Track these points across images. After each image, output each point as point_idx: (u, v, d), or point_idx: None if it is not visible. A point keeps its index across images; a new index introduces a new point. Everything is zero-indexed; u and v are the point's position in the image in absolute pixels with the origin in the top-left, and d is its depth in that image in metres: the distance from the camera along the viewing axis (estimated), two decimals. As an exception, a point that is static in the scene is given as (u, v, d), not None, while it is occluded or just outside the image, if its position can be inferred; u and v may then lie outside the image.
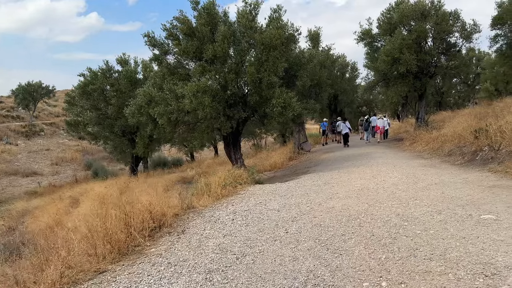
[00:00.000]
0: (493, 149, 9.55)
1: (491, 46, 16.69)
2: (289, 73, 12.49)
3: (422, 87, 17.91)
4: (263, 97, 11.41)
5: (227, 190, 9.34)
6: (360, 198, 6.80)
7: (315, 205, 6.65)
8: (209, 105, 10.38)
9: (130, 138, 19.04)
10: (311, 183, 9.45)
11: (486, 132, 10.84)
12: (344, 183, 8.80)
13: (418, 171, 9.39)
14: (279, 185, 9.66)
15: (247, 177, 10.83)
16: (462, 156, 10.78)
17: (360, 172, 10.27)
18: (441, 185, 7.22)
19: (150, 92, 11.76)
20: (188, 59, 11.72)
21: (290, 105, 11.07)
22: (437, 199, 6.05)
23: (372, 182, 8.41)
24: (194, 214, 7.04)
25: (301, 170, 14.19)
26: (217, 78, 11.02)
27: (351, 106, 35.05)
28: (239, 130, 12.87)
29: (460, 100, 38.42)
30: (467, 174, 8.38)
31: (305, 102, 13.43)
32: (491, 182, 7.09)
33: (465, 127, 13.42)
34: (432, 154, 12.87)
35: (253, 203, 7.35)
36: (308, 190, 8.37)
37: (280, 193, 8.38)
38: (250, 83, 11.09)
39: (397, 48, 16.26)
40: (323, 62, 17.91)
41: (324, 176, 10.42)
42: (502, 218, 4.67)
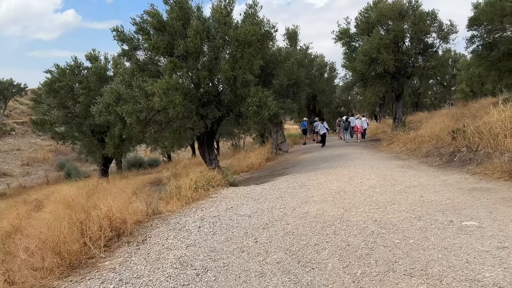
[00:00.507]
0: (471, 150, 9.40)
1: (468, 47, 16.80)
2: (265, 71, 12.07)
3: (400, 88, 17.85)
4: (238, 95, 10.95)
5: (199, 193, 8.84)
6: (336, 202, 6.44)
7: (289, 210, 6.24)
8: (181, 103, 9.84)
9: (100, 138, 18.20)
10: (287, 185, 9.06)
11: (464, 133, 10.72)
12: (321, 185, 8.44)
13: (396, 172, 9.14)
14: (254, 188, 9.23)
15: (221, 179, 10.36)
16: (440, 157, 10.62)
17: (337, 173, 9.96)
18: (419, 188, 6.95)
19: (117, 89, 11.13)
20: (158, 54, 11.14)
21: (266, 104, 10.65)
22: (416, 203, 5.74)
23: (349, 184, 8.08)
24: (159, 221, 6.51)
25: (278, 171, 13.82)
26: (189, 75, 10.49)
27: (330, 106, 35.03)
28: (214, 130, 12.36)
29: (436, 101, 39.03)
30: (445, 176, 8.16)
31: (282, 101, 13.05)
32: (471, 184, 6.86)
33: (442, 127, 13.34)
34: (409, 155, 12.72)
35: (224, 208, 6.88)
36: (283, 193, 7.96)
37: (253, 196, 7.94)
38: (224, 81, 10.61)
39: (375, 48, 16.11)
40: (301, 61, 17.63)
41: (300, 178, 10.05)
42: (484, 225, 4.37)
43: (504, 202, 5.32)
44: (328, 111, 36.53)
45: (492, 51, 16.12)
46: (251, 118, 10.70)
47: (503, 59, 15.59)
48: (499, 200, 5.45)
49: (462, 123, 12.79)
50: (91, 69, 17.11)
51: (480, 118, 11.04)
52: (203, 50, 10.69)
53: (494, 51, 16.00)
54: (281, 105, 12.77)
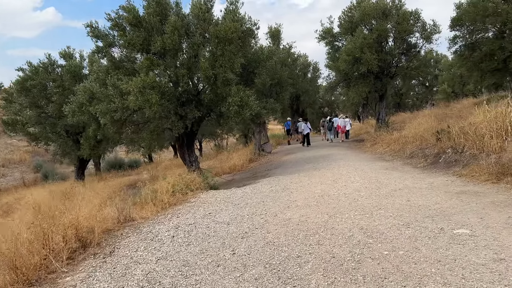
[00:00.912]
0: (456, 151, 9.23)
1: (450, 47, 16.80)
2: (247, 70, 11.68)
3: (383, 88, 17.73)
4: (219, 95, 10.54)
5: (176, 198, 8.40)
6: (320, 207, 6.10)
7: (271, 216, 5.87)
8: (157, 103, 9.36)
9: (75, 139, 17.45)
10: (269, 188, 8.69)
11: (448, 133, 10.57)
12: (304, 188, 8.11)
13: (381, 174, 8.88)
14: (234, 191, 8.83)
15: (200, 182, 9.92)
16: (425, 158, 10.44)
17: (321, 175, 9.65)
18: (406, 191, 6.68)
19: (91, 88, 10.56)
20: (134, 51, 10.61)
21: (247, 104, 10.27)
22: (403, 209, 5.45)
23: (333, 187, 7.77)
24: (130, 229, 6.04)
25: (260, 173, 13.45)
26: (167, 74, 10.01)
27: (313, 106, 34.89)
28: (194, 131, 11.90)
29: (418, 102, 39.40)
30: (431, 178, 7.94)
31: (265, 101, 12.69)
32: (458, 187, 6.63)
33: (426, 128, 13.23)
34: (393, 156, 12.53)
35: (202, 215, 6.46)
36: (265, 197, 7.59)
37: (234, 201, 7.54)
38: (204, 79, 10.18)
39: (358, 47, 15.92)
40: (284, 60, 17.32)
41: (283, 181, 9.71)
42: (477, 233, 4.09)
43: (494, 207, 5.08)
44: (312, 111, 36.41)
45: (474, 51, 16.15)
46: (232, 119, 10.29)
47: (485, 59, 15.62)
48: (489, 205, 5.21)
49: (446, 124, 12.70)
50: (65, 67, 16.35)
51: (464, 118, 10.92)
52: (181, 47, 10.22)
53: (476, 52, 16.04)
54: (263, 105, 12.41)
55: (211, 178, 10.86)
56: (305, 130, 20.52)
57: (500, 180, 6.52)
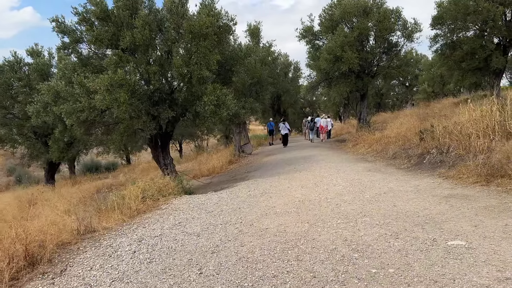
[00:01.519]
0: (441, 151, 8.90)
1: (431, 46, 16.64)
2: (225, 67, 11.12)
3: (364, 87, 17.46)
4: (194, 94, 9.95)
5: (146, 205, 7.76)
6: (300, 214, 5.60)
7: (246, 225, 5.33)
8: (126, 102, 8.70)
9: (44, 141, 16.49)
10: (247, 193, 8.16)
11: (432, 133, 10.28)
12: (284, 192, 7.61)
13: (364, 176, 8.47)
14: (210, 196, 8.25)
15: (174, 187, 9.29)
16: (408, 159, 10.11)
17: (301, 178, 9.18)
18: (391, 195, 6.25)
19: (55, 86, 9.80)
20: (102, 47, 9.91)
21: (224, 103, 9.71)
22: (390, 215, 5.01)
23: (314, 191, 7.30)
24: (89, 242, 5.39)
25: (240, 175, 12.91)
26: (138, 71, 9.35)
27: (295, 107, 34.59)
28: (168, 132, 11.25)
29: (398, 102, 39.59)
30: (416, 180, 7.56)
31: (243, 101, 12.15)
32: (446, 190, 6.25)
33: (408, 128, 12.95)
34: (376, 157, 12.19)
35: (171, 224, 5.86)
36: (242, 203, 7.05)
37: (208, 207, 6.97)
38: (178, 77, 9.57)
39: (339, 45, 15.58)
40: (264, 59, 16.79)
41: (262, 184, 9.20)
42: (474, 244, 3.66)
43: (487, 213, 4.68)
44: (293, 111, 36.11)
45: (455, 50, 16.02)
46: (208, 119, 9.71)
47: (466, 58, 15.51)
48: (482, 210, 4.81)
49: (429, 123, 12.44)
50: (33, 66, 15.40)
51: (447, 118, 10.64)
52: (154, 43, 9.58)
53: (457, 51, 15.90)
54: (242, 104, 11.88)
55: (186, 182, 10.25)
56: (283, 130, 20.54)
57: (490, 182, 6.17)
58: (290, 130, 22.25)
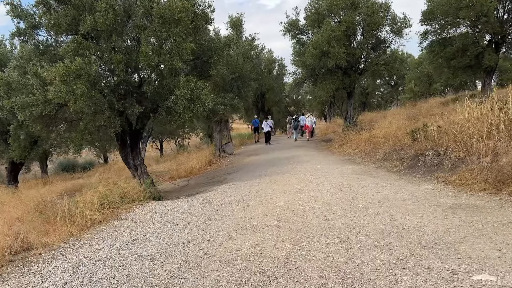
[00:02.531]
0: (438, 153, 8.08)
1: (421, 42, 15.91)
2: (201, 59, 10.08)
3: (352, 85, 16.64)
4: (166, 87, 8.89)
5: (104, 214, 6.68)
6: (281, 229, 4.65)
7: (214, 245, 4.33)
8: (85, 94, 7.57)
9: (4, 139, 15.11)
10: (222, 199, 7.16)
11: (425, 133, 9.49)
12: (264, 199, 6.65)
13: (354, 181, 7.58)
14: (179, 204, 7.22)
15: (140, 192, 8.22)
16: (401, 161, 9.27)
17: (285, 182, 8.24)
18: (387, 205, 5.35)
19: (7, 77, 8.60)
20: (60, 33, 8.72)
21: (199, 97, 8.67)
22: (389, 233, 4.09)
23: (299, 198, 6.36)
24: (17, 266, 4.30)
25: (218, 177, 11.90)
26: (100, 60, 8.23)
27: (279, 105, 33.69)
28: (138, 129, 10.14)
29: (383, 102, 39.13)
30: (413, 185, 6.70)
31: (222, 96, 11.15)
32: (450, 199, 5.38)
33: (398, 127, 12.17)
34: (364, 158, 11.36)
35: (122, 242, 4.81)
36: (214, 213, 6.06)
37: (174, 219, 5.95)
38: (147, 68, 8.47)
39: (326, 40, 14.70)
40: (247, 53, 15.81)
41: (241, 188, 8.22)
42: (508, 280, 2.76)
43: (509, 231, 3.81)
44: (278, 110, 35.19)
45: (446, 47, 15.34)
46: (181, 115, 8.64)
47: (457, 55, 14.83)
48: (500, 227, 3.94)
49: (421, 123, 11.68)
50: (-9, 55, 14.05)
51: (443, 116, 9.84)
52: (118, 28, 8.44)
53: (447, 47, 15.22)
54: (221, 100, 10.87)
55: (158, 185, 9.20)
56: (265, 127, 20.42)
57: (501, 190, 5.32)
58: (273, 127, 22.09)
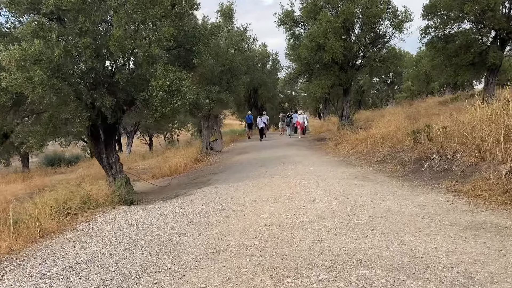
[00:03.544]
0: (444, 157, 7.19)
1: (422, 38, 15.03)
2: (184, 47, 9.06)
3: (348, 81, 15.72)
4: (141, 76, 7.88)
5: (61, 221, 5.69)
6: (262, 254, 3.72)
7: (173, 278, 3.38)
8: (45, 83, 6.55)
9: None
10: (200, 207, 6.22)
11: (428, 134, 8.61)
12: (247, 208, 5.72)
13: (350, 188, 6.67)
14: (149, 212, 6.25)
15: (108, 195, 7.25)
16: (402, 164, 8.38)
17: (273, 186, 7.32)
18: (391, 221, 4.45)
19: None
20: (22, 13, 7.66)
21: (179, 89, 7.67)
22: (400, 265, 3.17)
23: (288, 208, 5.43)
24: None
25: (203, 177, 10.94)
26: (64, 43, 7.19)
27: (273, 101, 32.69)
28: (113, 124, 9.11)
29: (378, 100, 38.35)
30: (419, 195, 5.80)
31: (208, 89, 10.17)
32: (466, 215, 4.48)
33: (398, 127, 11.29)
34: (361, 160, 10.46)
35: (59, 269, 3.82)
36: (186, 225, 5.10)
37: (135, 233, 4.98)
38: (119, 54, 7.44)
39: (322, 32, 13.76)
40: (237, 44, 14.81)
41: (223, 193, 7.29)
42: None
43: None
44: (271, 106, 34.21)
45: (448, 43, 14.47)
46: (158, 109, 7.64)
47: (460, 52, 13.96)
48: (544, 261, 3.04)
49: (423, 123, 10.82)
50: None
51: (451, 116, 8.95)
52: (86, 8, 7.40)
53: (450, 44, 14.36)
54: (206, 93, 9.89)
55: (130, 187, 8.21)
56: (259, 124, 20.43)
57: (529, 206, 4.44)
58: (267, 124, 22.13)
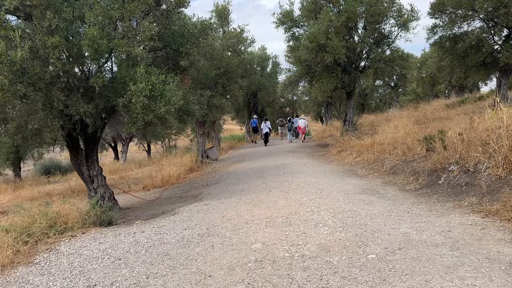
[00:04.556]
0: (465, 169, 6.27)
1: (429, 37, 14.15)
2: (171, 47, 8.19)
3: (352, 83, 14.82)
4: (121, 80, 7.00)
5: (15, 252, 4.79)
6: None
7: None
8: (7, 88, 5.70)
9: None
10: (181, 232, 5.32)
11: (442, 142, 7.70)
12: (237, 234, 4.82)
13: (359, 206, 5.76)
14: (122, 240, 5.34)
15: (82, 215, 6.35)
16: (415, 176, 7.45)
17: (270, 204, 6.42)
18: (413, 256, 3.53)
19: None
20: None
21: (163, 94, 6.78)
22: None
23: (285, 236, 4.53)
24: None
25: (194, 189, 10.06)
26: (31, 43, 6.32)
27: (273, 106, 31.80)
28: (93, 133, 8.22)
29: (382, 103, 37.41)
30: (441, 217, 4.87)
31: (198, 94, 9.31)
32: (504, 246, 3.56)
33: (407, 133, 10.39)
34: (368, 170, 9.54)
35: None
36: (160, 261, 4.20)
37: (96, 271, 4.08)
38: (93, 55, 6.57)
39: (323, 32, 12.89)
40: (233, 46, 13.95)
41: (213, 212, 6.40)
42: None
43: None
44: (272, 111, 33.33)
45: (457, 43, 13.58)
46: (139, 116, 6.75)
47: (471, 52, 13.06)
48: None
49: (434, 128, 9.93)
50: None
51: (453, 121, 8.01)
52: (56, 4, 6.54)
53: (459, 43, 13.47)
54: (196, 98, 9.01)
55: (104, 205, 7.32)
56: (264, 129, 20.74)
57: None
58: (271, 129, 22.62)
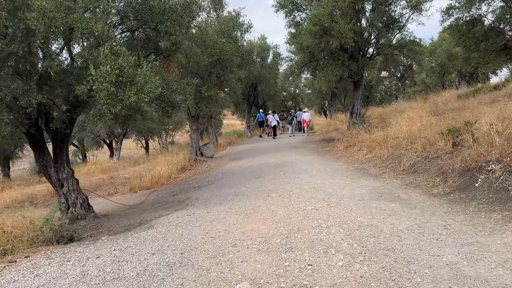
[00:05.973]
0: (510, 170, 4.98)
1: (444, 20, 12.77)
2: (149, 26, 6.90)
3: (360, 72, 13.47)
4: (83, 64, 5.74)
5: None
6: None
7: None
8: None
9: None
10: (147, 259, 4.11)
11: (472, 135, 6.42)
12: (218, 264, 3.58)
13: (379, 219, 4.51)
14: (65, 272, 4.12)
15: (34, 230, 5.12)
16: (442, 176, 6.16)
17: (266, 215, 5.18)
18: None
19: None
20: None
21: (133, 80, 5.49)
22: None
23: (283, 270, 3.28)
24: None
25: (183, 193, 8.84)
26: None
27: (275, 99, 30.39)
28: (60, 130, 6.96)
29: (387, 96, 36.02)
30: (492, 235, 3.61)
31: (185, 82, 8.03)
32: None
33: (425, 125, 9.07)
34: (382, 168, 8.23)
35: None
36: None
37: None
38: (43, 31, 5.28)
39: (328, 13, 11.54)
40: (229, 31, 12.63)
41: (195, 227, 5.17)
42: None
43: None
44: (273, 104, 31.95)
45: (475, 26, 12.21)
46: (104, 107, 5.48)
47: (490, 35, 11.70)
48: None
49: (454, 120, 8.65)
50: None
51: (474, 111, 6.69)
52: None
53: (477, 26, 12.10)
54: (182, 87, 7.73)
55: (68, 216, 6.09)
56: (273, 122, 20.52)
57: None
58: (279, 122, 22.29)
